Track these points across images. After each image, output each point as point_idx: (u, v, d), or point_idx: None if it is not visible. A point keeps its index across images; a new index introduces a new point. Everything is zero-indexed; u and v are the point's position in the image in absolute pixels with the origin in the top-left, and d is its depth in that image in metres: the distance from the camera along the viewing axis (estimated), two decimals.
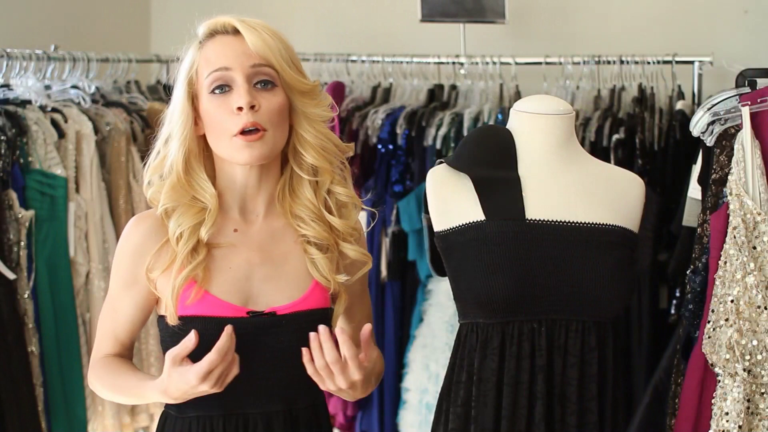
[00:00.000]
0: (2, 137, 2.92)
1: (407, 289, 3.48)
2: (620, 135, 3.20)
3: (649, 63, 3.32)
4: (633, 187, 2.08)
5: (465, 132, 3.34)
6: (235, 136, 1.83)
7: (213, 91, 1.85)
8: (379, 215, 3.38)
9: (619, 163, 3.13)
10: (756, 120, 2.18)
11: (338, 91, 3.57)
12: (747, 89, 2.24)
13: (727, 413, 2.05)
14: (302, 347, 1.83)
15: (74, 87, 3.34)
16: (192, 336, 1.76)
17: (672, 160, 3.18)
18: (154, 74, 3.96)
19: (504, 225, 1.96)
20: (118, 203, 3.35)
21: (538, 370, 1.93)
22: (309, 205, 1.93)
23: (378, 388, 3.45)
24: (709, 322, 2.11)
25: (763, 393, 2.07)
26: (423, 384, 3.35)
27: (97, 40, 3.96)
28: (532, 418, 1.93)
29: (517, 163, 2.04)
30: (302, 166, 1.93)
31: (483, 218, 1.97)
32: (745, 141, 2.15)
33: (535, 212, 1.99)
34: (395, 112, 3.51)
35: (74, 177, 3.18)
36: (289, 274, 1.91)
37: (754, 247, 2.09)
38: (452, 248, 2.00)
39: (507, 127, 2.10)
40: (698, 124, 2.31)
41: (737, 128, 2.24)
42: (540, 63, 3.44)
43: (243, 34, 1.84)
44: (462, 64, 3.52)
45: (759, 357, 2.06)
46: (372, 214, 2.05)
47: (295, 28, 3.96)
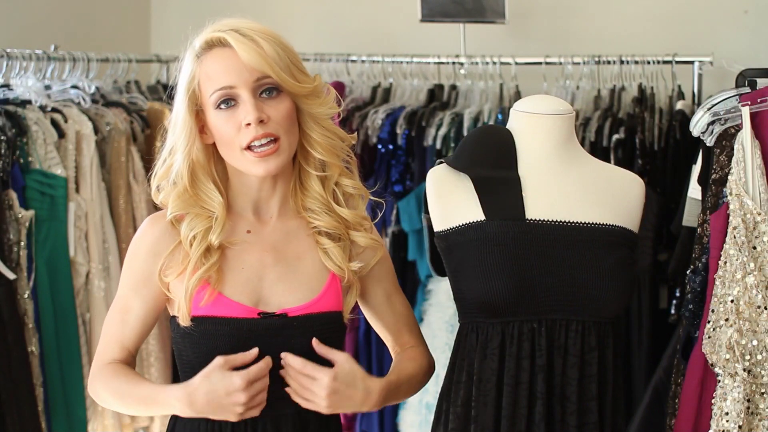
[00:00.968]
0: (2, 137, 2.92)
1: (407, 289, 3.48)
2: (620, 135, 3.20)
3: (649, 63, 3.32)
4: (633, 187, 2.08)
5: (465, 132, 3.34)
6: (245, 150, 1.83)
7: (219, 107, 1.84)
8: (379, 215, 3.38)
9: (619, 163, 3.13)
10: (756, 120, 2.18)
11: (338, 91, 3.56)
12: (747, 89, 2.24)
13: (727, 413, 2.05)
14: (313, 350, 1.85)
15: (74, 87, 3.34)
16: (254, 351, 1.79)
17: (672, 160, 3.18)
18: (154, 74, 3.96)
19: (504, 225, 1.96)
20: (118, 203, 3.35)
21: (538, 370, 1.93)
22: (319, 198, 1.94)
23: None
24: (709, 322, 2.11)
25: (763, 393, 2.07)
26: None
27: (97, 40, 3.96)
28: (532, 418, 1.92)
29: (517, 163, 2.04)
30: (310, 162, 1.93)
31: (483, 218, 1.97)
32: (745, 141, 2.15)
33: (535, 212, 1.99)
34: (395, 112, 3.51)
35: (74, 177, 3.18)
36: (302, 274, 1.91)
37: (754, 247, 2.09)
38: (452, 248, 2.00)
39: (507, 127, 2.10)
40: (698, 124, 2.31)
41: (737, 128, 2.24)
42: (540, 63, 3.44)
43: (237, 51, 1.81)
44: (462, 64, 3.52)
45: (759, 357, 2.06)
46: (377, 205, 2.05)
47: (295, 28, 3.97)
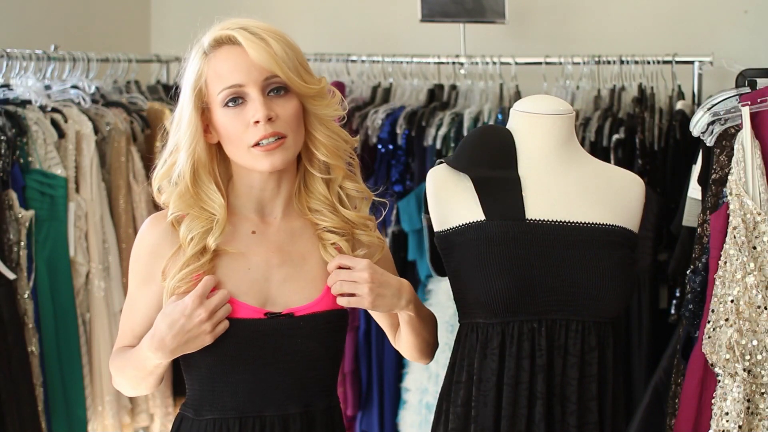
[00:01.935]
0: (2, 137, 2.92)
1: None
2: (620, 135, 3.20)
3: (649, 63, 3.32)
4: (633, 187, 2.08)
5: (465, 132, 3.34)
6: (252, 147, 1.83)
7: (227, 105, 1.84)
8: (383, 213, 3.38)
9: (619, 163, 3.13)
10: (756, 120, 2.18)
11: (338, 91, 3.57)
12: (747, 89, 2.24)
13: (727, 413, 2.05)
14: (320, 348, 1.86)
15: (74, 87, 3.34)
16: (207, 278, 1.83)
17: (672, 160, 3.18)
18: (154, 74, 3.96)
19: (504, 225, 1.96)
20: (118, 203, 3.35)
21: (538, 370, 1.93)
22: (323, 199, 1.94)
23: (378, 388, 3.45)
24: (709, 322, 2.11)
25: (763, 393, 2.07)
26: (423, 384, 3.35)
27: (97, 40, 3.97)
28: (532, 418, 1.93)
29: (517, 163, 2.04)
30: (314, 164, 1.94)
31: (483, 218, 1.97)
32: (745, 141, 2.15)
33: (535, 212, 1.99)
34: (395, 112, 3.51)
35: (74, 177, 3.18)
36: (307, 274, 1.91)
37: (754, 247, 2.09)
38: (452, 248, 2.00)
39: (507, 127, 2.10)
40: (698, 124, 2.31)
41: (737, 128, 2.24)
42: (540, 63, 3.44)
43: (247, 50, 1.82)
44: (462, 64, 3.52)
45: (759, 357, 2.06)
46: (380, 205, 2.07)
47: (295, 28, 3.94)
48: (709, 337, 2.10)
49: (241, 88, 1.83)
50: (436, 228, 2.04)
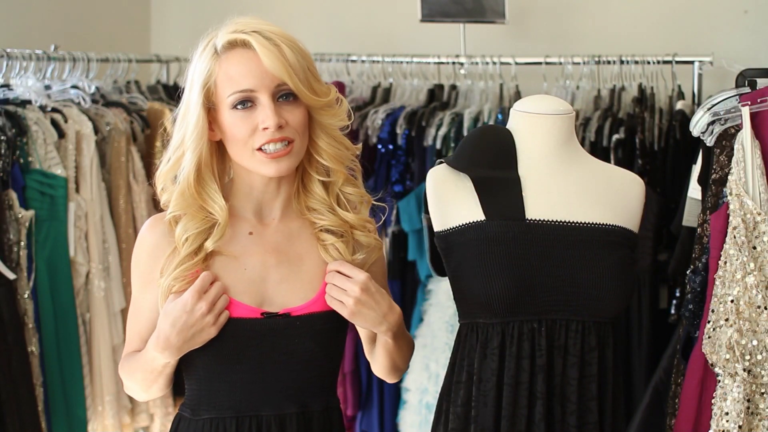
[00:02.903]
0: (2, 137, 2.92)
1: (407, 289, 3.48)
2: (620, 135, 3.20)
3: (649, 63, 3.32)
4: (633, 187, 2.08)
5: (465, 132, 3.34)
6: (257, 151, 1.83)
7: (236, 107, 1.84)
8: (379, 219, 3.37)
9: (619, 163, 3.13)
10: (756, 120, 2.18)
11: (338, 91, 3.56)
12: (747, 89, 2.24)
13: (727, 413, 2.05)
14: (317, 348, 1.86)
15: (74, 87, 3.34)
16: (204, 274, 1.83)
17: (672, 160, 3.18)
18: (154, 74, 3.96)
19: (504, 225, 1.96)
20: (118, 203, 3.35)
21: (538, 370, 1.93)
22: (321, 200, 1.94)
23: (378, 388, 3.45)
24: (709, 322, 2.11)
25: (763, 393, 2.07)
26: (423, 384, 3.35)
27: (97, 40, 3.97)
28: (532, 418, 1.92)
29: (517, 163, 2.04)
30: (315, 167, 1.94)
31: (483, 218, 1.97)
32: (745, 141, 2.15)
33: (535, 212, 1.99)
34: (395, 112, 3.51)
35: (74, 177, 3.18)
36: (304, 274, 1.91)
37: (754, 247, 2.09)
38: (452, 248, 2.00)
39: (507, 127, 2.10)
40: (698, 124, 2.31)
41: (737, 128, 2.24)
42: (540, 63, 3.44)
43: (260, 57, 1.81)
44: (462, 64, 3.52)
45: (759, 357, 2.06)
46: (380, 209, 2.06)
47: (295, 28, 3.93)
48: (709, 337, 2.10)
49: (252, 93, 1.83)
50: (436, 228, 2.04)
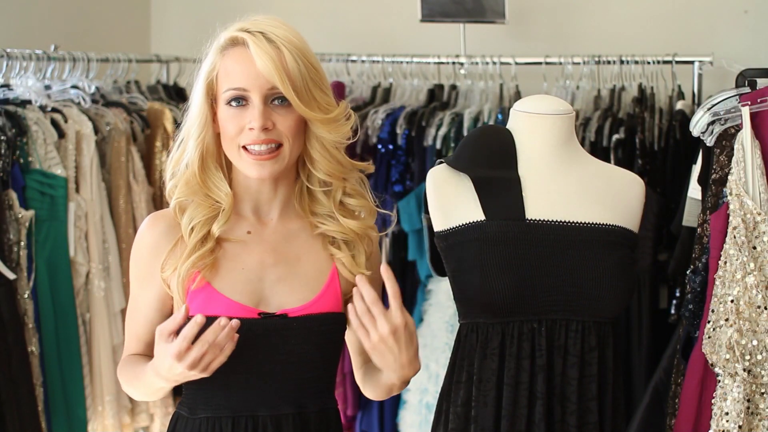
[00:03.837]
0: (2, 137, 2.92)
1: (407, 289, 3.48)
2: (620, 135, 3.20)
3: (649, 63, 3.32)
4: (633, 187, 2.08)
5: (465, 132, 3.34)
6: (242, 149, 1.84)
7: (230, 103, 1.84)
8: (379, 215, 3.37)
9: (619, 163, 3.13)
10: (756, 120, 2.18)
11: (338, 91, 3.57)
12: (747, 89, 2.24)
13: (727, 413, 2.05)
14: (313, 350, 1.86)
15: (74, 87, 3.34)
16: (183, 311, 1.75)
17: (672, 160, 3.18)
18: (154, 74, 3.96)
19: (504, 225, 1.96)
20: (118, 203, 3.35)
21: (538, 370, 1.93)
22: (324, 205, 1.94)
23: None
24: (709, 322, 2.11)
25: (763, 393, 2.07)
26: (423, 384, 3.35)
27: (97, 40, 3.97)
28: (532, 418, 1.92)
29: (517, 163, 2.04)
30: (312, 180, 1.93)
31: (483, 218, 1.97)
32: (745, 141, 2.15)
33: (535, 212, 1.99)
34: (395, 112, 3.51)
35: (74, 177, 3.18)
36: (302, 275, 1.91)
37: (754, 247, 2.09)
38: (452, 248, 2.00)
39: (507, 127, 2.10)
40: (698, 124, 2.31)
41: (737, 128, 2.24)
42: (540, 63, 3.44)
43: (255, 60, 1.80)
44: (462, 64, 3.53)
45: (759, 357, 2.06)
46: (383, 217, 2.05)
47: (295, 28, 3.96)
48: (709, 337, 2.10)
49: (245, 92, 1.83)
50: (436, 228, 2.04)
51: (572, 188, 2.02)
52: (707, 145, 2.33)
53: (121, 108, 3.44)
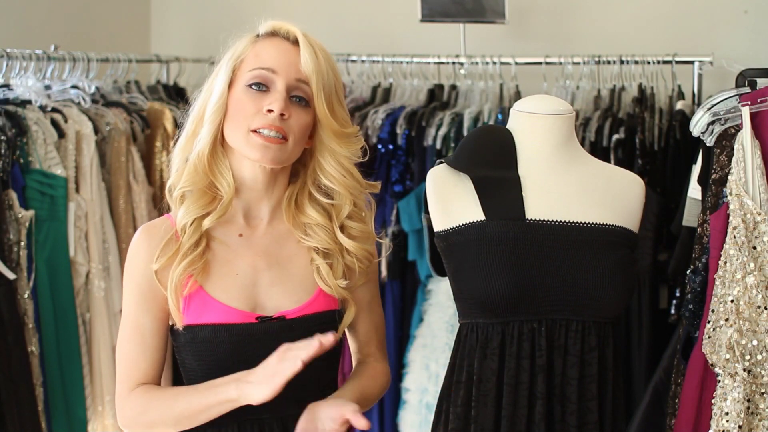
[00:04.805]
0: (2, 137, 2.92)
1: (407, 289, 3.48)
2: (620, 135, 3.20)
3: (649, 63, 3.32)
4: (633, 187, 2.08)
5: (465, 132, 3.34)
6: (252, 132, 1.84)
7: (251, 86, 1.86)
8: (379, 215, 3.38)
9: (619, 163, 3.13)
10: (756, 120, 2.18)
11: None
12: (747, 89, 2.24)
13: (727, 413, 2.05)
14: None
15: (74, 87, 3.34)
16: (330, 338, 1.75)
17: (672, 160, 3.18)
18: (154, 74, 3.96)
19: (504, 225, 1.96)
20: (118, 203, 3.35)
21: (538, 370, 1.93)
22: (311, 219, 1.94)
23: None
24: (709, 322, 2.11)
25: (763, 393, 2.07)
26: (423, 384, 3.35)
27: (97, 40, 3.97)
28: (532, 418, 1.93)
29: (517, 163, 2.04)
30: (317, 189, 1.94)
31: (483, 218, 1.97)
32: (745, 141, 2.15)
33: (535, 212, 1.99)
34: (395, 112, 3.51)
35: (74, 177, 3.18)
36: (295, 277, 1.91)
37: (754, 247, 2.09)
38: (452, 248, 2.00)
39: (507, 127, 2.10)
40: (698, 124, 2.31)
41: (737, 128, 2.24)
42: (540, 63, 3.44)
43: (300, 48, 1.87)
44: (462, 64, 3.53)
45: (759, 357, 2.06)
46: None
47: None
48: (709, 337, 2.10)
49: (272, 74, 1.86)
50: (436, 228, 2.04)
51: (572, 188, 2.02)
52: (707, 145, 2.33)
53: (121, 108, 3.44)
